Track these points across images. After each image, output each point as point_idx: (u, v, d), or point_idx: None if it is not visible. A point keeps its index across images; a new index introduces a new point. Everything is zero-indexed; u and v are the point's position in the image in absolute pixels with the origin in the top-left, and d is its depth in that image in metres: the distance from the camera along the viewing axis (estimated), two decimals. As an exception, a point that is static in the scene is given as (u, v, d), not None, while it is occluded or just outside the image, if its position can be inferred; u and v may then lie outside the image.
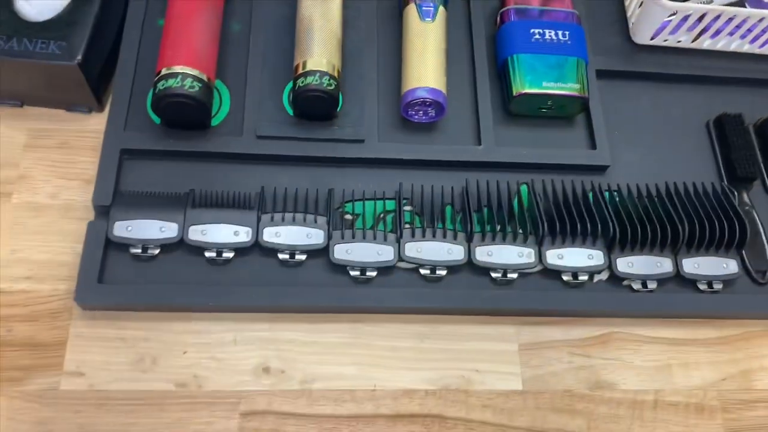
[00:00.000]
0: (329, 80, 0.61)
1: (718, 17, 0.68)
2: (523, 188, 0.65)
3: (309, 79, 0.60)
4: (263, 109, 0.64)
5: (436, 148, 0.65)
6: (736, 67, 0.73)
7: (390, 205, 0.63)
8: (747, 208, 0.66)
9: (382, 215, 0.62)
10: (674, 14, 0.68)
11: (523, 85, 0.65)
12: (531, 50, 0.67)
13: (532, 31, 0.67)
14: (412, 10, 0.68)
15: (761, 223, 0.65)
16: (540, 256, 0.61)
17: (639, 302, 0.61)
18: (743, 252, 0.64)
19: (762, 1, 0.74)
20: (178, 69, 0.58)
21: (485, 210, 0.62)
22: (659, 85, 0.72)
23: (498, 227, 0.61)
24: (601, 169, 0.66)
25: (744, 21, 0.69)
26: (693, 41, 0.72)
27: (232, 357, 0.56)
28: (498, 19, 0.70)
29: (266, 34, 0.67)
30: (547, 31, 0.67)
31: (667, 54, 0.73)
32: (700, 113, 0.71)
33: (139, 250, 0.57)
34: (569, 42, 0.67)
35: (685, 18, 0.69)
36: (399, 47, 0.68)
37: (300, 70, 0.61)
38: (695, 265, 0.62)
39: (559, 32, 0.67)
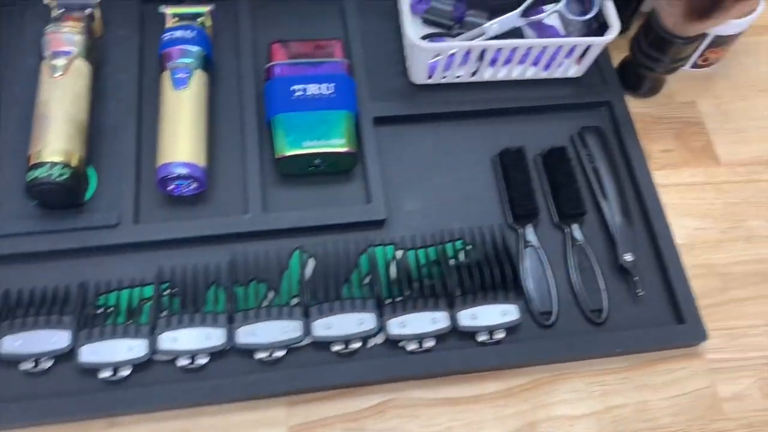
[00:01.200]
0: (61, 170, 0.57)
1: (489, 50, 0.66)
2: (296, 255, 0.62)
3: (37, 172, 0.57)
4: (5, 204, 0.60)
5: (199, 223, 0.62)
6: (522, 96, 0.71)
7: (148, 291, 0.59)
8: (530, 246, 0.64)
9: (140, 304, 0.58)
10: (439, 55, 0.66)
11: (283, 148, 0.62)
12: (292, 109, 0.64)
13: (293, 88, 0.64)
14: (166, 79, 0.64)
15: (545, 261, 0.63)
16: (307, 329, 0.58)
17: (415, 364, 0.58)
18: (528, 294, 0.62)
19: (545, 24, 0.72)
20: None
21: (251, 284, 0.59)
22: (443, 125, 0.70)
23: (264, 302, 0.58)
24: (378, 224, 0.64)
25: (516, 49, 0.67)
26: (473, 75, 0.70)
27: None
28: (264, 76, 0.67)
29: (8, 122, 0.63)
30: (309, 86, 0.64)
31: (449, 91, 0.70)
32: (486, 149, 0.69)
33: None
34: (334, 95, 0.64)
35: (453, 56, 0.67)
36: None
37: (32, 161, 0.58)
38: (472, 316, 0.59)
39: (323, 86, 0.65)
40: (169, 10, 0.69)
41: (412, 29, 0.65)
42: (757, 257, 0.66)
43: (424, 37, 0.71)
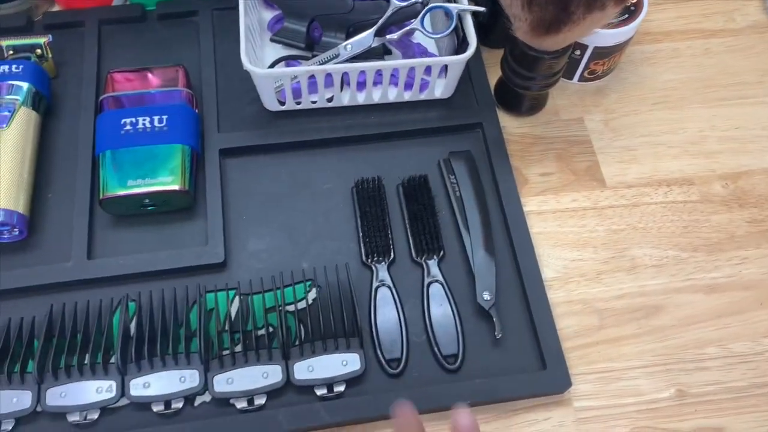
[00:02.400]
0: None
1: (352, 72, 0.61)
2: (130, 305, 0.57)
3: None
4: None
5: (17, 273, 0.57)
6: (387, 121, 0.66)
7: (-45, 350, 0.55)
8: (383, 285, 0.58)
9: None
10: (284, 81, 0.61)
11: (106, 188, 0.58)
12: (120, 145, 0.59)
13: (123, 121, 0.60)
14: (-13, 117, 0.60)
15: (398, 301, 0.57)
16: (123, 388, 0.53)
17: (243, 424, 0.53)
18: (376, 339, 0.56)
19: (410, 41, 0.67)
20: None
21: (64, 340, 0.54)
22: (299, 154, 0.64)
23: (80, 358, 0.53)
24: (217, 267, 0.59)
25: (367, 72, 0.62)
26: (329, 100, 0.65)
27: None
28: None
29: None
30: (140, 119, 0.60)
31: (306, 117, 0.65)
32: (345, 180, 0.63)
33: None
34: (166, 128, 0.59)
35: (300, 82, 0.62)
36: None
37: None
38: (308, 368, 0.54)
39: (155, 119, 0.60)
40: (3, 42, 0.64)
41: (260, 54, 0.60)
42: (638, 290, 0.60)
43: (279, 60, 0.66)
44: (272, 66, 0.66)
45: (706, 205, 0.65)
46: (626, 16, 0.64)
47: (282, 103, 0.64)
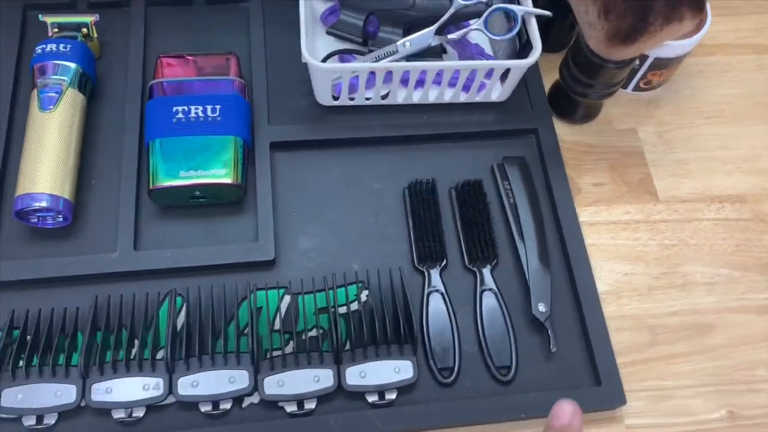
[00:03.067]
0: None
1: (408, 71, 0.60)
2: (166, 300, 0.55)
3: None
4: None
5: (61, 261, 0.55)
6: (440, 121, 0.64)
7: (-5, 339, 0.53)
8: (435, 291, 0.57)
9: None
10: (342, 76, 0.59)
11: (157, 178, 0.56)
12: (172, 133, 0.57)
13: (175, 109, 0.58)
14: (33, 98, 0.58)
15: (450, 309, 0.56)
16: (171, 386, 0.51)
17: (291, 428, 0.51)
18: (428, 347, 0.55)
19: (468, 41, 0.66)
20: None
21: (111, 333, 0.53)
22: (351, 151, 0.63)
23: (126, 353, 0.52)
24: (266, 264, 0.57)
25: (428, 71, 0.60)
26: (384, 98, 0.63)
27: None
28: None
29: None
30: (193, 108, 0.58)
31: (358, 114, 0.64)
32: (397, 180, 0.62)
33: None
34: (219, 118, 0.58)
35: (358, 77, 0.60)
36: (30, 140, 0.58)
37: None
38: (361, 373, 0.53)
39: (208, 108, 0.58)
40: (48, 19, 0.62)
41: (311, 45, 0.58)
42: (691, 307, 0.60)
43: (332, 54, 0.64)
44: (326, 59, 0.64)
45: (758, 224, 0.64)
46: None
47: (336, 98, 0.63)
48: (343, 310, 0.56)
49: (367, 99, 0.63)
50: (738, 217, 0.64)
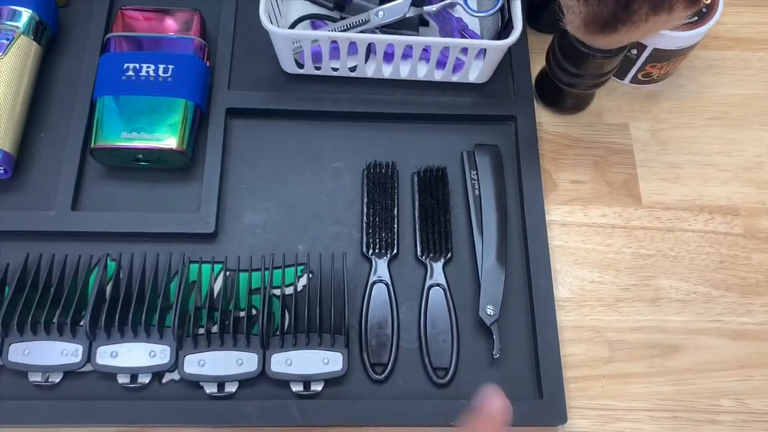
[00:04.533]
0: None
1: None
2: (110, 265, 0.53)
3: None
4: None
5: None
6: (412, 100, 0.60)
7: None
8: (379, 282, 0.54)
9: None
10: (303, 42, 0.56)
11: (98, 138, 0.53)
12: (119, 91, 0.54)
13: (125, 66, 0.55)
14: (-16, 42, 0.56)
15: (394, 302, 0.53)
16: (90, 354, 0.50)
17: (208, 411, 0.49)
18: (364, 340, 0.52)
19: (450, 14, 0.61)
20: None
21: (35, 292, 0.51)
22: (312, 124, 0.59)
23: (44, 316, 0.50)
24: (206, 238, 0.55)
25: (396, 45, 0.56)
26: (352, 70, 0.59)
27: None
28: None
29: None
30: (144, 66, 0.55)
31: (324, 85, 0.60)
32: (359, 159, 0.58)
33: None
34: (171, 79, 0.55)
35: (332, 45, 0.56)
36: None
37: None
38: (287, 361, 0.50)
39: (161, 67, 0.55)
40: (12, -39, 0.60)
41: (286, 7, 0.54)
42: (658, 325, 0.55)
43: (304, 18, 0.60)
44: (296, 23, 0.60)
45: (749, 240, 0.58)
46: (696, 18, 0.57)
47: (300, 66, 0.59)
48: (279, 292, 0.53)
49: (334, 69, 0.59)
50: (727, 231, 0.59)
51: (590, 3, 0.46)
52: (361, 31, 0.57)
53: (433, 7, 0.56)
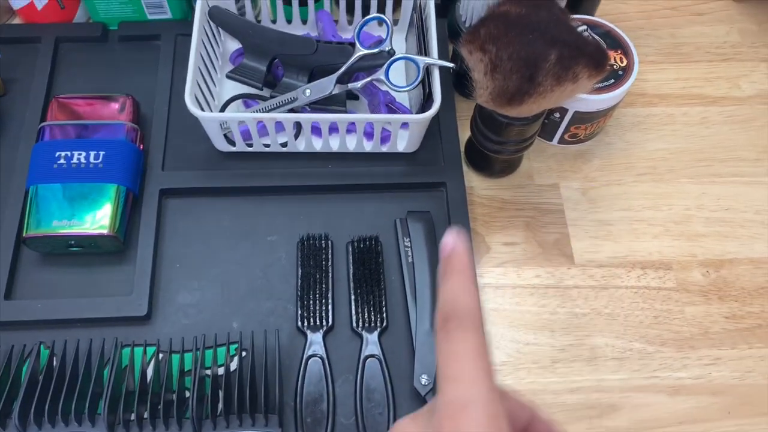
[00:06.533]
0: None
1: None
2: (44, 352, 0.53)
3: None
4: None
5: (-72, 310, 0.54)
6: (346, 172, 0.61)
7: None
8: (314, 356, 0.54)
9: None
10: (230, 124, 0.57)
11: (30, 226, 0.54)
12: (50, 179, 0.55)
13: (57, 154, 0.56)
14: None
15: (329, 377, 0.53)
16: (15, 448, 0.49)
17: (142, 499, 0.49)
18: (299, 417, 0.52)
19: (377, 88, 0.63)
20: None
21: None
22: (247, 200, 0.60)
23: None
24: (139, 321, 0.55)
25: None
26: (284, 146, 0.61)
27: None
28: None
29: None
30: (76, 153, 0.56)
31: (258, 161, 0.61)
32: (294, 233, 0.59)
33: None
34: (102, 165, 0.56)
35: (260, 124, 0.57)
36: None
37: None
38: (214, 443, 0.50)
39: (92, 154, 0.56)
40: (-52, 56, 0.61)
41: (219, 88, 0.56)
42: (596, 384, 0.55)
43: (236, 97, 0.62)
44: (228, 103, 0.62)
45: (681, 294, 0.59)
46: (612, 81, 0.59)
47: (233, 144, 0.60)
48: (212, 373, 0.53)
49: (266, 146, 0.60)
50: (660, 286, 0.59)
51: (496, 77, 0.48)
52: (290, 109, 0.59)
53: (358, 84, 0.58)
